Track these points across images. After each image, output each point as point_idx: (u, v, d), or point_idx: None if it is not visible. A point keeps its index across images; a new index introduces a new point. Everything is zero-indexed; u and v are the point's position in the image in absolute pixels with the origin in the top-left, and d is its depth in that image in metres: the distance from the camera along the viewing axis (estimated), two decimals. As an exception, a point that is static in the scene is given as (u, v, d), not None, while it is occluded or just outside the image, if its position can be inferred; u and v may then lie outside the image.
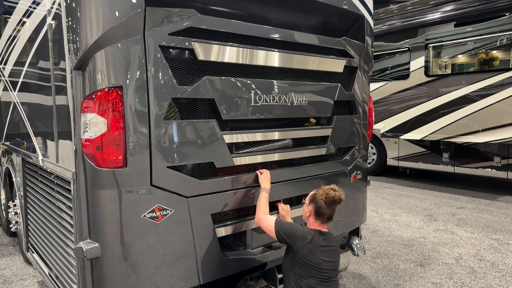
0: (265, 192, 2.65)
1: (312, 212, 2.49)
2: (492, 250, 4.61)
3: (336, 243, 2.55)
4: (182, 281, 2.46)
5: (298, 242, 2.40)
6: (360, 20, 3.47)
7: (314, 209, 2.48)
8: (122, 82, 2.17)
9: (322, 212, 2.46)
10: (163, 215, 2.33)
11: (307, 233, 2.43)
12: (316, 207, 2.47)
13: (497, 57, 7.18)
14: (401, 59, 8.33)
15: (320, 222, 2.49)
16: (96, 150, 2.17)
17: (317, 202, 2.47)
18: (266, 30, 2.76)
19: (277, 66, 2.85)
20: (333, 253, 2.47)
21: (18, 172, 3.96)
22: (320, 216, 2.47)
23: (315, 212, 2.47)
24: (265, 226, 2.52)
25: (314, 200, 2.49)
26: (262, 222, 2.54)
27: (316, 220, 2.49)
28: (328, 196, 2.44)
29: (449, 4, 7.55)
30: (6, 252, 4.68)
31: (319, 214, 2.47)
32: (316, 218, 2.49)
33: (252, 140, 2.74)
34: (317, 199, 2.47)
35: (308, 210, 2.52)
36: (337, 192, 2.46)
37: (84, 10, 2.16)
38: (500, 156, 7.01)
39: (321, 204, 2.45)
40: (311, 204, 2.50)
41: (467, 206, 6.56)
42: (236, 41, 2.60)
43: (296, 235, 2.41)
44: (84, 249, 2.17)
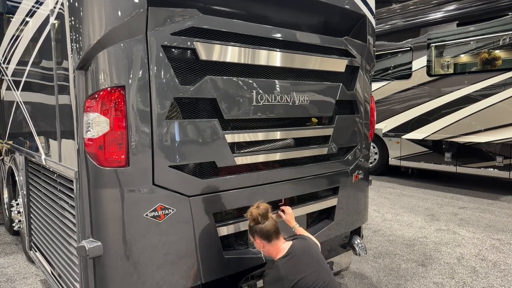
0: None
1: (262, 241, 2.43)
2: (494, 250, 4.60)
3: (306, 244, 2.50)
4: (184, 280, 2.47)
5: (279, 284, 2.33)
6: (362, 19, 3.47)
7: (260, 237, 2.42)
8: (124, 82, 2.18)
9: (265, 231, 2.40)
10: (165, 214, 2.34)
11: (275, 271, 2.36)
12: (259, 233, 2.42)
13: (499, 56, 7.16)
14: (403, 58, 8.32)
15: (276, 241, 2.43)
16: (98, 150, 2.18)
17: (255, 229, 2.43)
18: (268, 30, 2.77)
19: (279, 65, 2.85)
20: (310, 259, 2.41)
21: (21, 171, 3.99)
22: (269, 237, 2.41)
23: (263, 237, 2.41)
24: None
25: (252, 230, 2.46)
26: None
27: (271, 243, 2.43)
28: (255, 217, 2.40)
29: (451, 3, 7.53)
30: (9, 251, 4.71)
31: (266, 236, 2.41)
32: (270, 242, 2.42)
33: (253, 139, 2.75)
34: (252, 227, 2.44)
35: (259, 244, 2.46)
36: (259, 206, 2.42)
37: (87, 10, 2.17)
38: (502, 156, 7.00)
39: (259, 227, 2.40)
40: (254, 236, 2.46)
41: (469, 206, 6.56)
42: (238, 41, 2.61)
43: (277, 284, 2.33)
44: (87, 247, 2.18)
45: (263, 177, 2.82)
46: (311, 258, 2.44)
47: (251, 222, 2.44)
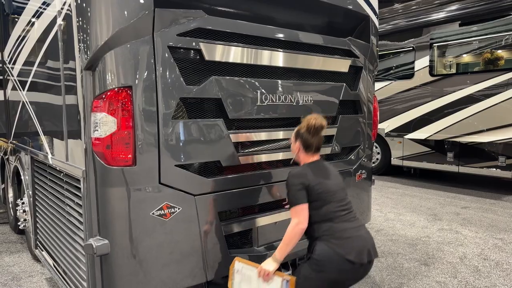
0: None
1: (300, 147, 2.48)
2: (497, 250, 4.62)
3: (331, 166, 2.56)
4: (189, 278, 2.50)
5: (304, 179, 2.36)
6: (365, 20, 3.50)
7: (301, 143, 2.47)
8: (131, 82, 2.21)
9: (309, 143, 2.45)
10: (171, 213, 2.37)
11: (302, 168, 2.43)
12: (303, 140, 2.45)
13: (502, 56, 7.17)
14: (405, 58, 8.34)
15: (311, 154, 2.48)
16: (106, 149, 2.21)
17: (302, 135, 2.46)
18: (272, 31, 2.79)
19: (283, 66, 2.88)
20: (334, 174, 2.48)
21: (26, 170, 4.02)
22: (309, 148, 2.46)
23: (303, 145, 2.46)
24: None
25: (299, 134, 2.48)
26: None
27: (306, 153, 2.48)
28: (309, 126, 2.43)
29: (454, 3, 7.54)
30: (14, 249, 4.75)
31: (307, 146, 2.46)
32: (306, 151, 2.47)
33: (258, 139, 2.78)
34: (301, 132, 2.46)
35: (296, 147, 2.51)
36: (318, 119, 2.44)
37: (95, 11, 2.20)
38: (505, 156, 7.00)
39: (306, 136, 2.44)
40: (297, 139, 2.49)
41: (472, 206, 6.57)
42: (243, 42, 2.64)
43: (300, 180, 2.35)
44: (94, 245, 2.22)
45: (267, 177, 2.85)
46: (337, 177, 2.50)
47: (303, 127, 2.46)
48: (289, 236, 2.28)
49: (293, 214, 2.32)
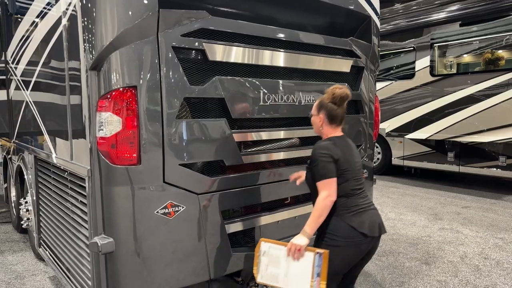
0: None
1: (324, 119, 2.40)
2: (497, 249, 4.64)
3: (353, 143, 2.52)
4: (193, 276, 2.52)
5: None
6: (367, 20, 3.52)
7: (326, 115, 2.39)
8: (136, 82, 2.24)
9: (334, 114, 2.38)
10: (175, 211, 2.39)
11: (329, 142, 2.35)
12: (327, 112, 2.38)
13: (502, 56, 7.19)
14: (406, 58, 8.36)
15: (335, 126, 2.42)
16: (111, 148, 2.23)
17: (326, 106, 2.39)
18: (275, 31, 2.82)
19: (286, 66, 2.91)
20: (356, 152, 2.46)
21: (30, 169, 4.04)
22: (333, 120, 2.39)
23: (328, 116, 2.38)
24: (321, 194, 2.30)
25: (323, 105, 2.40)
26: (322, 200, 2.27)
27: (330, 125, 2.41)
28: (335, 96, 2.35)
29: (454, 3, 7.56)
30: (17, 248, 4.77)
31: (332, 117, 2.38)
32: (330, 123, 2.40)
33: (260, 138, 2.80)
34: (325, 103, 2.39)
35: (319, 119, 2.42)
36: (342, 88, 2.38)
37: (100, 12, 2.23)
38: (505, 156, 7.01)
39: (331, 107, 2.37)
40: (321, 111, 2.41)
41: (472, 205, 6.59)
42: (246, 42, 2.66)
43: (330, 153, 2.28)
44: (99, 244, 2.24)
45: (270, 176, 2.87)
46: (358, 155, 2.49)
47: (328, 98, 2.38)
48: (320, 209, 2.24)
49: (322, 186, 2.27)
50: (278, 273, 2.29)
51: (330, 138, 2.41)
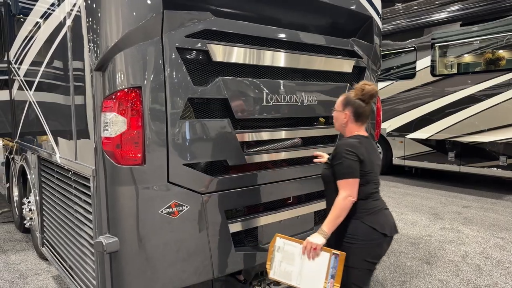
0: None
1: (350, 116, 2.30)
2: (498, 248, 4.66)
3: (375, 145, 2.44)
4: (196, 275, 2.54)
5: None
6: (369, 21, 3.54)
7: (352, 111, 2.29)
8: (140, 83, 2.26)
9: (361, 111, 2.29)
10: (179, 211, 2.41)
11: (356, 140, 2.26)
12: (354, 108, 2.29)
13: (503, 56, 7.21)
14: (407, 58, 8.37)
15: (360, 124, 2.33)
16: (116, 148, 2.25)
17: (354, 102, 2.29)
18: (278, 32, 2.83)
19: (288, 66, 2.92)
20: (378, 154, 2.40)
21: (33, 169, 4.06)
22: (360, 117, 2.31)
23: (355, 114, 2.29)
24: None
25: (350, 102, 2.30)
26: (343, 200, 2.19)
27: (356, 123, 2.32)
28: (365, 92, 2.26)
29: (455, 4, 7.58)
30: (20, 248, 4.80)
31: (359, 115, 2.30)
32: (356, 120, 2.31)
33: (263, 138, 2.82)
34: (353, 99, 2.29)
35: (344, 115, 2.32)
36: (372, 85, 2.28)
37: (105, 13, 2.24)
38: (506, 156, 7.03)
39: (359, 103, 2.28)
40: (347, 107, 2.31)
41: (473, 205, 6.61)
42: (249, 43, 2.68)
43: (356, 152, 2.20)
44: (104, 243, 2.26)
45: (273, 176, 2.89)
46: (379, 157, 2.45)
47: (356, 94, 2.30)
48: (339, 209, 2.15)
49: (343, 186, 2.19)
50: (292, 270, 2.24)
51: (356, 136, 2.31)
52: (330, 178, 2.32)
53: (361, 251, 2.22)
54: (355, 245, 2.22)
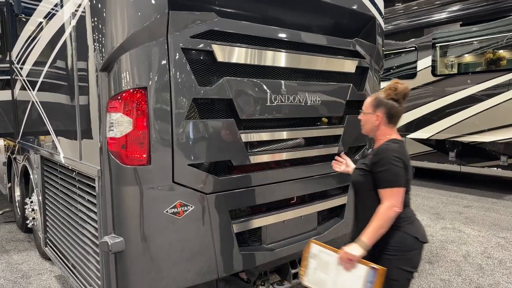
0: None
1: (383, 118, 2.15)
2: (500, 248, 4.67)
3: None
4: (200, 275, 2.54)
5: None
6: (372, 21, 3.55)
7: (385, 113, 2.14)
8: (146, 83, 2.26)
9: (394, 112, 2.15)
10: (184, 211, 2.42)
11: (400, 144, 2.13)
12: (388, 109, 2.14)
13: (504, 57, 7.22)
14: (408, 58, 8.38)
15: (393, 126, 2.19)
16: (121, 148, 2.26)
17: (386, 103, 2.14)
18: (282, 32, 2.84)
19: (292, 67, 2.93)
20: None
21: (36, 169, 4.07)
22: (393, 119, 2.17)
23: (387, 115, 2.15)
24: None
25: (381, 102, 2.15)
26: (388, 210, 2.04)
27: (389, 125, 2.18)
28: (398, 92, 2.12)
29: (456, 4, 7.59)
30: (22, 248, 4.80)
31: (392, 116, 2.16)
32: (389, 122, 2.17)
33: (267, 139, 2.83)
34: (385, 100, 2.15)
35: (376, 118, 2.17)
36: (404, 84, 2.15)
37: (110, 14, 2.25)
38: (506, 156, 7.04)
39: (392, 104, 2.14)
40: (379, 108, 2.16)
41: (474, 205, 6.62)
42: (254, 43, 2.69)
43: (402, 158, 2.07)
44: (109, 243, 2.27)
45: (276, 176, 2.90)
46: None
47: (388, 94, 2.16)
48: (383, 220, 2.00)
49: (388, 195, 2.03)
50: (326, 279, 2.14)
51: (395, 140, 2.15)
52: (365, 185, 2.17)
53: (405, 263, 2.10)
54: (398, 257, 2.09)
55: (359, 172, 2.23)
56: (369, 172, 2.14)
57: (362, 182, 2.19)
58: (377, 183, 2.09)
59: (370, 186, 2.15)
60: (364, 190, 2.19)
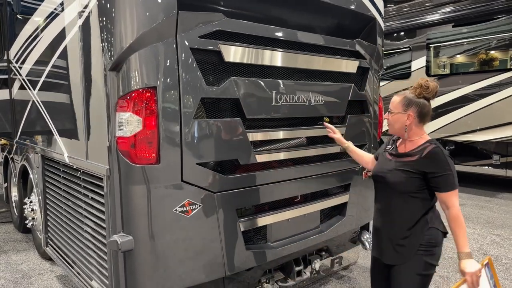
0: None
1: (414, 117, 2.13)
2: (495, 245, 4.76)
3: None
4: (209, 273, 2.56)
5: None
6: (372, 22, 3.60)
7: (417, 112, 2.12)
8: (155, 83, 2.28)
9: (426, 111, 2.13)
10: (192, 210, 2.44)
11: (441, 148, 2.12)
12: (420, 108, 2.11)
13: (496, 57, 7.35)
14: (402, 58, 8.48)
15: (423, 125, 2.17)
16: (131, 148, 2.27)
17: (418, 102, 2.11)
18: (287, 33, 2.87)
19: (297, 67, 2.97)
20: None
21: (36, 169, 4.05)
22: (424, 118, 2.15)
23: (419, 115, 2.12)
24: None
25: (413, 101, 2.12)
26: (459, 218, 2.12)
27: (420, 126, 2.16)
28: (430, 89, 2.09)
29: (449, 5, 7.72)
30: (20, 248, 4.77)
31: (423, 115, 2.14)
32: (420, 121, 2.15)
33: (272, 138, 2.86)
34: (415, 98, 2.13)
35: (407, 117, 2.14)
36: (434, 81, 2.13)
37: (119, 14, 2.26)
38: (499, 154, 7.18)
39: (424, 103, 2.12)
40: (410, 107, 2.13)
41: (468, 203, 6.73)
42: (260, 43, 2.72)
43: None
44: (119, 242, 2.28)
45: (281, 174, 2.93)
46: None
47: (419, 93, 2.12)
48: (463, 223, 2.11)
49: (453, 197, 2.07)
50: None
51: (434, 141, 2.15)
52: (408, 187, 2.14)
53: (433, 257, 2.18)
54: (428, 252, 2.16)
55: (403, 174, 2.16)
56: (417, 174, 2.12)
57: (406, 183, 2.15)
58: (439, 187, 2.08)
59: (414, 188, 2.13)
60: (402, 193, 2.17)
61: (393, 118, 2.22)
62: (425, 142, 2.17)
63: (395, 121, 2.22)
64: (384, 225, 2.31)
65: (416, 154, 2.15)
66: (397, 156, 2.24)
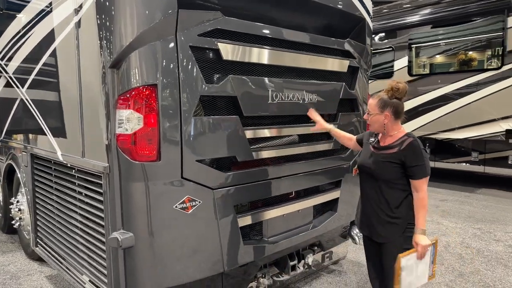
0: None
1: (390, 116, 2.41)
2: (476, 238, 4.95)
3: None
4: (208, 269, 2.60)
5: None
6: (362, 22, 3.69)
7: (392, 111, 2.40)
8: (155, 81, 2.29)
9: (400, 109, 2.42)
10: (192, 206, 2.46)
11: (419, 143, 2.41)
12: (394, 108, 2.40)
13: (474, 58, 7.61)
14: (385, 58, 8.66)
15: (399, 121, 2.46)
16: (131, 145, 2.28)
17: (392, 103, 2.40)
18: (284, 32, 2.93)
19: (292, 66, 3.03)
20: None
21: (24, 168, 3.98)
22: (399, 115, 2.43)
23: (395, 113, 2.41)
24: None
25: (387, 103, 2.40)
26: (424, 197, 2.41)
27: (396, 121, 2.44)
28: (401, 90, 2.38)
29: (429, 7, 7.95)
30: (6, 249, 4.67)
31: (398, 113, 2.42)
32: (396, 118, 2.43)
33: (269, 135, 2.91)
34: (389, 100, 2.40)
35: (385, 117, 2.41)
36: (401, 82, 2.41)
37: (119, 12, 2.27)
38: (477, 152, 7.43)
39: (397, 102, 2.40)
40: (386, 108, 2.41)
41: (449, 199, 6.95)
42: (257, 42, 2.76)
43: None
44: (119, 239, 2.29)
45: (277, 171, 2.98)
46: None
47: (392, 94, 2.40)
48: (426, 205, 2.40)
49: (423, 184, 2.37)
50: (412, 278, 2.38)
51: (411, 134, 2.45)
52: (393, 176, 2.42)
53: (412, 233, 2.45)
54: (411, 230, 2.44)
55: (385, 165, 2.45)
56: (400, 165, 2.40)
57: (389, 172, 2.44)
58: (413, 175, 2.38)
59: (395, 175, 2.43)
60: (386, 180, 2.45)
61: (372, 119, 2.51)
62: (403, 135, 2.46)
63: (374, 121, 2.50)
64: (372, 208, 2.56)
65: (396, 146, 2.44)
66: (379, 149, 2.53)
